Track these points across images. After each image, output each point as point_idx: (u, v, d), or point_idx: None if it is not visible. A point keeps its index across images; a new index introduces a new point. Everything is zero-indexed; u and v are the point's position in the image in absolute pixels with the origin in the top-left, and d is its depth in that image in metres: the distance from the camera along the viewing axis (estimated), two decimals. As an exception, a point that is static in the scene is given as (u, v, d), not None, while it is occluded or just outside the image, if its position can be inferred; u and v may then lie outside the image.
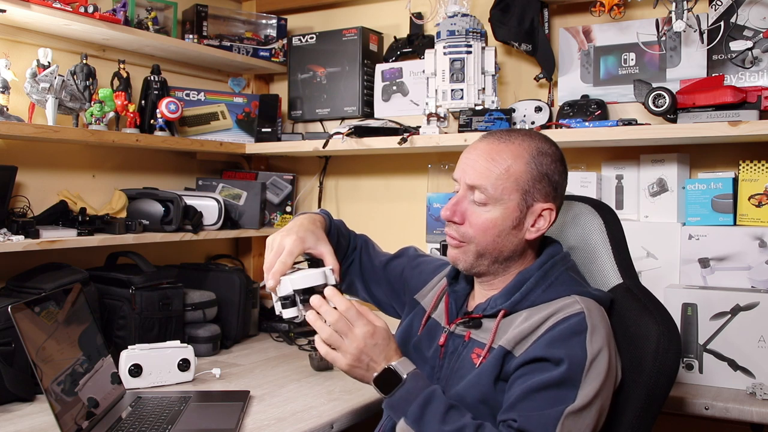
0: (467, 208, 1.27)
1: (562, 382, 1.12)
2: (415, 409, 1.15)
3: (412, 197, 2.44)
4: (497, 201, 1.25)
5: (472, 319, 1.30)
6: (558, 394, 1.12)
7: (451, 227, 1.29)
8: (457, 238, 1.29)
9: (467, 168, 1.28)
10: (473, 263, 1.29)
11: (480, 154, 1.28)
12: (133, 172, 2.36)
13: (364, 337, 1.19)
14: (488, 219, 1.25)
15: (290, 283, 1.26)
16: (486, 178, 1.25)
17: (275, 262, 1.29)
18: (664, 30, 1.94)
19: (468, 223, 1.27)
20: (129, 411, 1.52)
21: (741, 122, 1.68)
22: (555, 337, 1.16)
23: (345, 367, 1.21)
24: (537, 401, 1.12)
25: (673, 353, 1.22)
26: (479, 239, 1.27)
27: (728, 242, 1.77)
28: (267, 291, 1.32)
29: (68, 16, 1.89)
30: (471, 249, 1.28)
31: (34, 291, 1.70)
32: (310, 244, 1.33)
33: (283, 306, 1.27)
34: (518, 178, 1.25)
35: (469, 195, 1.27)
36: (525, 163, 1.25)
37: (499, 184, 1.24)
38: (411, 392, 1.17)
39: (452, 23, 2.05)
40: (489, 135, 1.32)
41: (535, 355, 1.16)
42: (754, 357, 1.61)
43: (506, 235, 1.27)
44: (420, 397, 1.16)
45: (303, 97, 2.55)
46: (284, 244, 1.31)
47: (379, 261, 1.58)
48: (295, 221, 1.40)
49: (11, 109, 1.86)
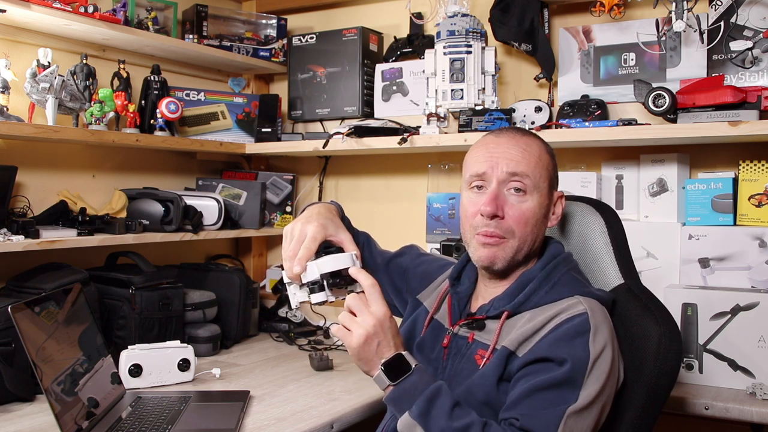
0: (505, 201, 1.26)
1: (565, 382, 1.12)
2: (422, 403, 1.13)
3: (412, 197, 2.44)
4: (534, 189, 1.26)
5: (476, 320, 1.30)
6: (560, 394, 1.11)
7: (490, 224, 1.25)
8: (498, 234, 1.25)
9: (500, 160, 1.26)
10: (511, 260, 1.27)
11: (511, 146, 1.27)
12: (133, 172, 2.36)
13: (379, 317, 1.17)
14: (528, 209, 1.25)
15: (317, 268, 1.25)
16: (526, 165, 1.26)
17: (298, 249, 1.28)
18: (664, 30, 1.94)
19: (508, 217, 1.25)
20: (129, 411, 1.52)
21: (741, 122, 1.68)
22: (558, 338, 1.16)
23: (355, 344, 1.17)
24: (539, 401, 1.11)
25: (674, 353, 1.22)
26: (520, 232, 1.25)
27: (728, 242, 1.77)
28: (288, 282, 1.30)
29: (68, 16, 1.89)
30: (511, 245, 1.26)
31: (34, 291, 1.70)
32: (331, 231, 1.33)
33: (311, 291, 1.26)
34: (547, 165, 1.29)
35: (502, 187, 1.26)
36: (547, 153, 1.31)
37: (537, 172, 1.26)
38: (417, 386, 1.15)
39: (452, 23, 2.05)
40: (502, 131, 1.33)
41: (539, 355, 1.16)
42: (754, 357, 1.61)
43: (539, 225, 1.28)
44: (427, 391, 1.14)
45: (303, 97, 2.55)
46: (306, 230, 1.29)
47: (381, 259, 1.58)
48: (312, 209, 1.38)
49: (11, 109, 1.86)
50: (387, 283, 1.56)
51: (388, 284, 1.56)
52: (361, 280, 1.21)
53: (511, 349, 1.20)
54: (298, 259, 1.27)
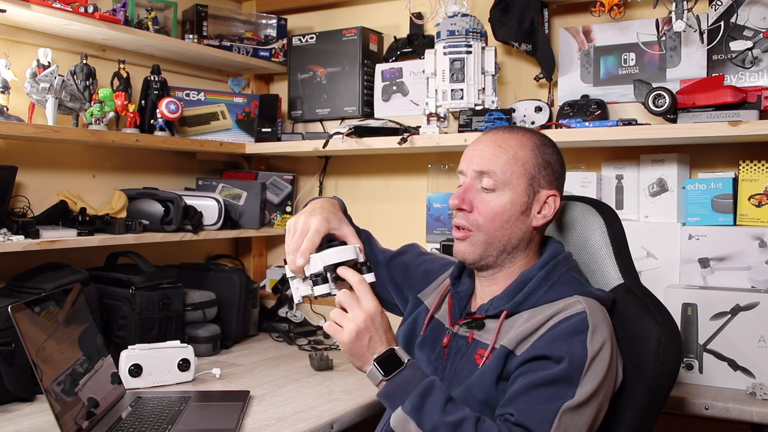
0: (475, 196, 1.28)
1: (562, 379, 1.12)
2: (415, 398, 1.13)
3: (412, 197, 2.44)
4: (505, 185, 1.26)
5: (475, 320, 1.30)
6: (556, 391, 1.12)
7: (459, 216, 1.29)
8: (465, 226, 1.28)
9: (474, 157, 1.29)
10: (482, 254, 1.29)
11: (487, 143, 1.30)
12: (133, 172, 2.35)
13: (370, 312, 1.18)
14: (497, 205, 1.26)
15: (320, 260, 1.25)
16: (494, 164, 1.27)
17: (302, 241, 1.28)
18: (664, 30, 1.94)
19: (477, 211, 1.27)
20: (129, 411, 1.52)
21: (741, 122, 1.68)
22: (556, 336, 1.17)
23: (346, 339, 1.18)
24: (535, 397, 1.12)
25: (674, 353, 1.22)
26: (488, 226, 1.27)
27: (728, 242, 1.77)
28: (291, 276, 1.31)
29: (68, 16, 1.89)
30: (479, 239, 1.28)
31: (34, 291, 1.70)
32: (334, 225, 1.33)
33: (314, 283, 1.26)
34: (525, 162, 1.28)
35: (477, 183, 1.28)
36: (530, 150, 1.29)
37: (507, 169, 1.27)
38: (409, 381, 1.16)
39: (452, 23, 2.05)
40: (492, 129, 1.35)
41: (536, 353, 1.16)
42: (754, 357, 1.61)
43: (515, 221, 1.28)
44: (420, 386, 1.15)
45: (303, 97, 2.55)
46: (310, 223, 1.29)
47: (383, 257, 1.58)
48: (315, 203, 1.39)
49: (11, 109, 1.86)
50: (388, 280, 1.56)
51: (389, 282, 1.56)
52: (349, 277, 1.21)
53: (510, 348, 1.20)
54: (302, 251, 1.26)
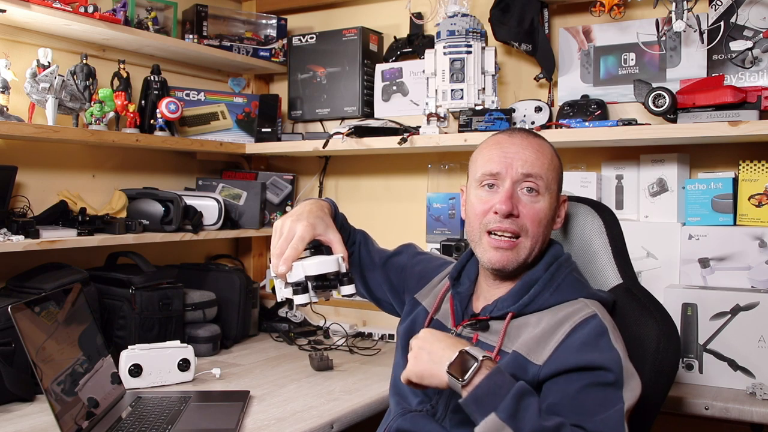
0: (519, 200, 1.27)
1: (613, 384, 1.11)
2: (510, 403, 1.05)
3: (412, 197, 2.44)
4: (546, 190, 1.27)
5: (480, 321, 1.29)
6: (613, 395, 1.11)
7: (505, 222, 1.25)
8: (515, 231, 1.25)
9: (514, 161, 1.27)
10: (523, 261, 1.27)
11: (525, 146, 1.29)
12: (133, 172, 2.36)
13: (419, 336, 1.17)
14: (541, 209, 1.27)
15: (302, 270, 1.24)
16: (540, 167, 1.27)
17: (286, 247, 1.27)
18: (664, 30, 1.94)
19: (522, 215, 1.26)
20: (129, 411, 1.52)
21: (741, 122, 1.68)
22: (583, 343, 1.15)
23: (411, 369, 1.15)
24: (597, 406, 1.09)
25: (672, 353, 1.22)
26: (534, 231, 1.26)
27: (728, 242, 1.77)
28: (275, 276, 1.30)
29: (68, 16, 1.89)
30: (525, 245, 1.26)
31: (34, 291, 1.70)
32: (320, 230, 1.32)
33: (294, 292, 1.25)
34: (557, 168, 1.31)
35: (517, 187, 1.27)
36: (555, 155, 1.32)
37: (549, 174, 1.28)
38: (500, 385, 1.07)
39: (452, 23, 2.05)
40: (514, 131, 1.34)
41: (571, 364, 1.13)
42: (754, 357, 1.61)
43: (549, 226, 1.29)
44: (513, 390, 1.06)
45: (303, 97, 2.55)
46: (295, 229, 1.29)
47: (379, 257, 1.57)
48: (304, 206, 1.38)
49: (11, 109, 1.86)
50: (384, 281, 1.55)
51: (386, 283, 1.55)
52: None
53: (523, 354, 1.18)
54: (284, 258, 1.26)
